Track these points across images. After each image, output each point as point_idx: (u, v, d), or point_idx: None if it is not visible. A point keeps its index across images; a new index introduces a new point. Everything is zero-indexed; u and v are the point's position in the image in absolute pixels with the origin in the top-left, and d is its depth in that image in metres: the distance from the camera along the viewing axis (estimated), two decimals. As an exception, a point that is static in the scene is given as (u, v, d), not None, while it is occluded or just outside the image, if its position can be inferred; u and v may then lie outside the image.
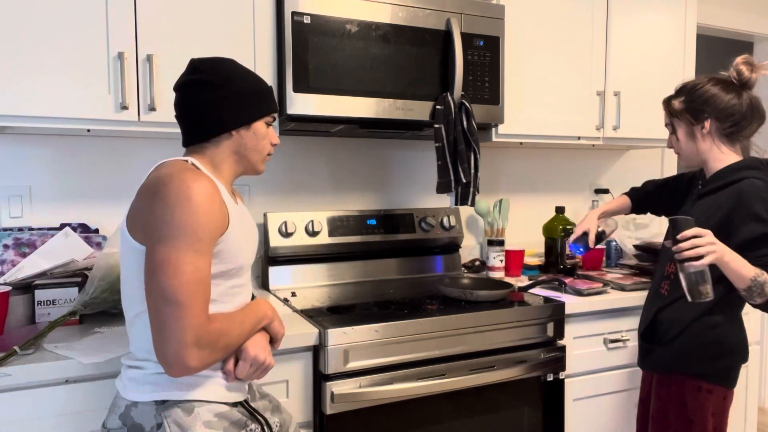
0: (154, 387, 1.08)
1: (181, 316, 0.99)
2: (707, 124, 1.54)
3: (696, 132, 1.57)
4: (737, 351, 1.55)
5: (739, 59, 1.56)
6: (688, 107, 1.57)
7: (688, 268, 1.36)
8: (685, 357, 1.54)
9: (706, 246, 1.35)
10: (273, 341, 1.23)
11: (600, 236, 1.87)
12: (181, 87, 1.17)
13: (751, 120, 1.55)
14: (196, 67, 1.16)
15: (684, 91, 1.60)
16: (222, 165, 1.18)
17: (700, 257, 1.35)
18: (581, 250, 1.85)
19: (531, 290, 1.95)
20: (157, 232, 1.02)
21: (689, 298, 1.39)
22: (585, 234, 1.85)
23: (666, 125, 1.66)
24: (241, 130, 1.17)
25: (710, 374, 1.52)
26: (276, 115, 1.24)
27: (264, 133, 1.21)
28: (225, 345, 1.07)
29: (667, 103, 1.63)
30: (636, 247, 2.38)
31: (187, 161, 1.13)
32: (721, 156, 1.56)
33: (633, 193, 1.93)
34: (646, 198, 1.90)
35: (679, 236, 1.38)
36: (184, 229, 1.00)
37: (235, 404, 1.15)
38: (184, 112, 1.17)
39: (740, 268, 1.40)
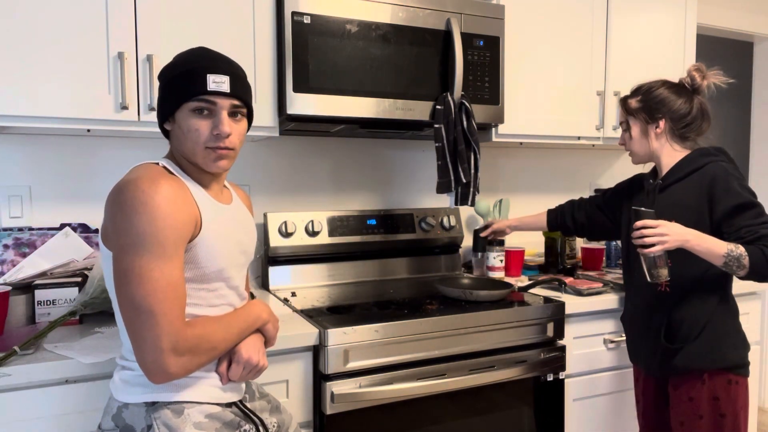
0: (143, 389, 1.07)
1: (153, 324, 0.97)
2: (662, 123, 1.63)
3: (650, 130, 1.65)
4: (746, 339, 1.61)
5: (691, 66, 1.66)
6: (644, 106, 1.65)
7: (646, 254, 1.48)
8: (715, 351, 1.57)
9: (655, 236, 1.46)
10: (265, 343, 1.21)
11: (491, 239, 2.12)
12: None
13: (701, 122, 1.64)
14: None
15: (640, 91, 1.68)
16: (181, 162, 1.14)
17: (651, 245, 1.46)
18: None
19: (531, 290, 1.95)
20: (119, 241, 1.00)
21: (648, 279, 1.51)
22: (487, 227, 2.11)
23: (620, 123, 1.74)
24: (172, 125, 1.11)
25: (738, 365, 1.57)
26: (209, 98, 1.06)
27: (188, 123, 1.07)
28: (208, 349, 1.04)
29: (624, 101, 1.71)
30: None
31: (157, 164, 1.11)
32: (674, 153, 1.65)
33: (551, 211, 2.04)
34: (567, 217, 2.00)
35: (633, 226, 1.50)
36: (144, 237, 0.98)
37: (229, 405, 1.14)
38: None
39: (710, 248, 1.46)
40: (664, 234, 1.45)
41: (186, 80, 1.06)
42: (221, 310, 1.14)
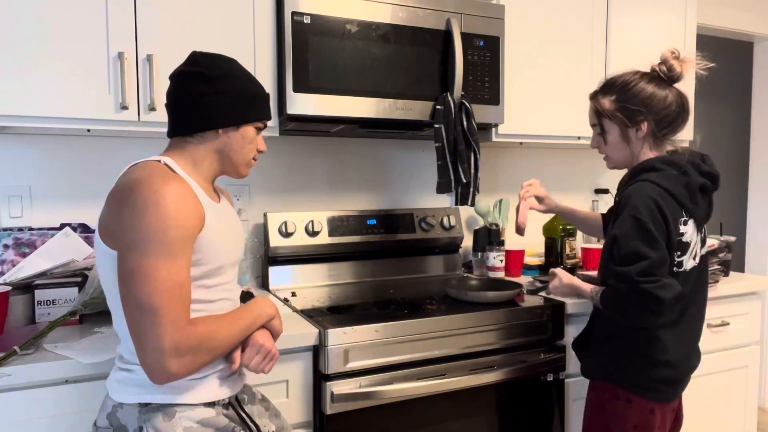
0: (139, 389, 1.08)
1: (156, 323, 0.97)
2: (644, 126, 1.43)
3: (630, 134, 1.45)
4: (669, 364, 1.44)
5: (667, 53, 1.45)
6: (621, 107, 1.44)
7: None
8: (605, 364, 1.50)
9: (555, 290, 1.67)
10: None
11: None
12: (177, 77, 1.15)
13: (682, 119, 1.46)
14: (196, 59, 1.15)
15: (614, 88, 1.46)
16: (202, 162, 1.16)
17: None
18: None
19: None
20: (126, 239, 1.00)
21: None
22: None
23: (592, 125, 1.53)
24: (229, 131, 1.15)
25: (630, 384, 1.45)
26: (267, 123, 1.23)
27: (252, 137, 1.19)
28: (210, 348, 1.03)
29: (595, 100, 1.49)
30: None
31: (159, 161, 1.11)
32: (648, 157, 1.46)
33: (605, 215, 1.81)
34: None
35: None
36: (154, 236, 0.98)
37: (226, 406, 1.14)
38: (174, 103, 1.15)
39: (581, 294, 1.56)
40: (558, 285, 1.66)
41: (259, 103, 1.18)
42: (218, 306, 1.14)
